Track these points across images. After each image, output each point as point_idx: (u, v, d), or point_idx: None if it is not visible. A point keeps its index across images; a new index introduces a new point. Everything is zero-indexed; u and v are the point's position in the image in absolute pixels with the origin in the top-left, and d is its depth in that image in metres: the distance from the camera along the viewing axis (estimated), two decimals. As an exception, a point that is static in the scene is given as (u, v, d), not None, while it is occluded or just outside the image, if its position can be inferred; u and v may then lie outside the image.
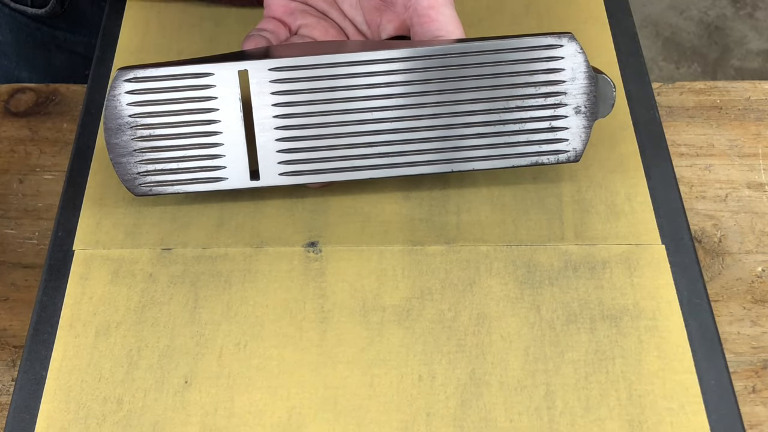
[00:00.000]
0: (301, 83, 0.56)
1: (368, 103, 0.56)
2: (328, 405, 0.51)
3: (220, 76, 0.56)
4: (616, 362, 0.53)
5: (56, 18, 0.81)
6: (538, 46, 0.56)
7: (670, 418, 0.51)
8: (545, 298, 0.55)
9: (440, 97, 0.56)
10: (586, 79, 0.56)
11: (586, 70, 0.56)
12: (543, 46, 0.56)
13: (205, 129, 0.56)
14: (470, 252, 0.57)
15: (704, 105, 0.71)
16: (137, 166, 0.57)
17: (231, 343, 0.54)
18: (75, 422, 0.51)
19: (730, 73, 1.90)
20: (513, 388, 0.52)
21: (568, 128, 0.57)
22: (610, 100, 0.57)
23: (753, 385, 0.57)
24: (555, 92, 0.56)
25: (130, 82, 0.56)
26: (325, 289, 0.56)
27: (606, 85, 0.57)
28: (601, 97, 0.57)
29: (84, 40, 0.82)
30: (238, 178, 0.57)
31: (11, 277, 0.62)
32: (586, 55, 0.56)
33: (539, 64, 0.56)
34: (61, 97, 0.71)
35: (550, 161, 0.57)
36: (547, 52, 0.56)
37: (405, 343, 0.54)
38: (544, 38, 0.55)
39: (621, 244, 0.58)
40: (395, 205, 0.60)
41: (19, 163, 0.68)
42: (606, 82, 0.57)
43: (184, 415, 0.51)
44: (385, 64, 0.55)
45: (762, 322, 0.60)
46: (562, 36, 0.56)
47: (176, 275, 0.57)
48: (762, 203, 0.65)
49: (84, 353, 0.53)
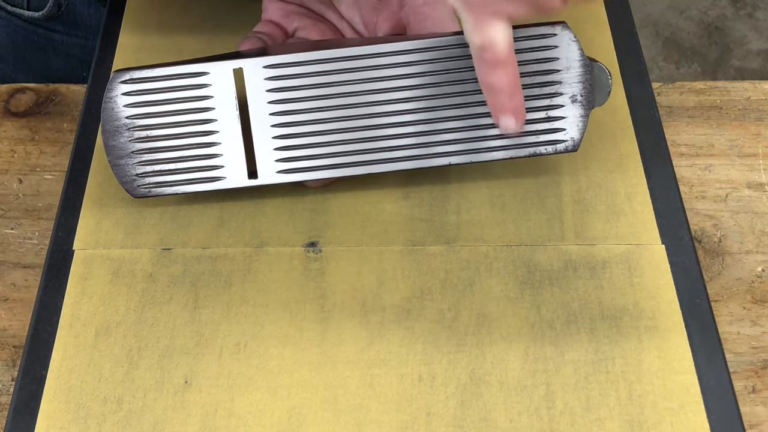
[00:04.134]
0: (296, 80, 0.56)
1: (363, 98, 0.56)
2: (328, 405, 0.51)
3: (215, 75, 0.56)
4: (616, 362, 0.53)
5: (53, 21, 0.81)
6: (532, 35, 0.55)
7: (670, 418, 0.51)
8: (545, 298, 0.55)
9: (436, 90, 0.56)
10: (581, 67, 0.56)
11: (580, 58, 0.56)
12: (537, 36, 0.56)
13: (202, 129, 0.56)
14: (470, 252, 0.57)
15: (704, 105, 0.71)
16: (135, 167, 0.57)
17: (231, 343, 0.54)
18: (75, 422, 0.51)
19: (730, 73, 1.90)
20: (513, 388, 0.52)
21: (565, 117, 0.57)
22: (606, 88, 0.57)
23: (753, 385, 0.57)
24: (550, 81, 0.56)
25: (126, 83, 0.56)
26: (325, 289, 0.56)
27: (601, 73, 0.57)
28: (597, 85, 0.57)
29: (81, 43, 0.82)
30: (236, 177, 0.57)
31: (11, 277, 0.62)
32: (580, 43, 0.56)
33: (533, 53, 0.56)
34: (61, 97, 0.71)
35: (548, 151, 0.57)
36: (540, 42, 0.56)
37: (405, 343, 0.54)
38: (538, 28, 0.56)
39: (621, 244, 0.58)
40: (395, 205, 0.60)
41: (19, 163, 0.68)
42: (601, 70, 0.57)
43: (184, 415, 0.51)
44: (379, 58, 0.55)
45: (762, 322, 0.60)
46: (555, 25, 0.56)
47: (176, 275, 0.57)
48: (762, 203, 0.65)
49: (84, 353, 0.53)
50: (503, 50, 0.51)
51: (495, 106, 0.54)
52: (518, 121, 0.54)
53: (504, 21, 0.50)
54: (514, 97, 0.53)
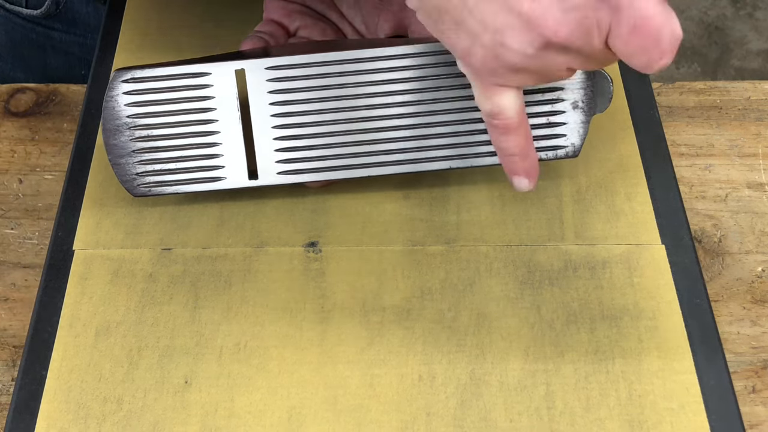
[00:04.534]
0: (297, 82, 0.56)
1: (364, 101, 0.56)
2: (328, 405, 0.51)
3: (217, 75, 0.56)
4: (616, 362, 0.53)
5: (51, 19, 0.81)
6: None
7: (670, 418, 0.51)
8: (545, 298, 0.55)
9: (437, 93, 0.56)
10: (583, 73, 0.56)
11: None
12: None
13: (203, 129, 0.56)
14: (470, 252, 0.57)
15: (704, 105, 0.71)
16: (136, 166, 0.57)
17: (231, 343, 0.54)
18: (75, 422, 0.51)
19: (730, 73, 1.90)
20: (513, 388, 0.52)
21: (566, 123, 0.57)
22: (607, 94, 0.57)
23: (753, 385, 0.57)
24: (552, 87, 0.56)
25: (127, 82, 0.56)
26: (325, 289, 0.56)
27: (603, 79, 0.57)
28: (599, 91, 0.57)
29: (79, 41, 0.82)
30: (236, 178, 0.57)
31: (11, 277, 0.62)
32: None
33: None
34: (61, 97, 0.71)
35: (549, 157, 0.57)
36: None
37: (405, 343, 0.54)
38: None
39: (621, 244, 0.58)
40: (395, 205, 0.60)
41: (19, 163, 0.68)
42: (603, 77, 0.57)
43: (184, 415, 0.51)
44: (381, 61, 0.55)
45: (762, 322, 0.60)
46: None
47: (176, 275, 0.57)
48: (762, 203, 0.65)
49: (84, 353, 0.53)
50: (513, 117, 0.51)
51: (507, 167, 0.54)
52: (531, 181, 0.54)
53: (513, 89, 0.50)
54: (526, 159, 0.53)
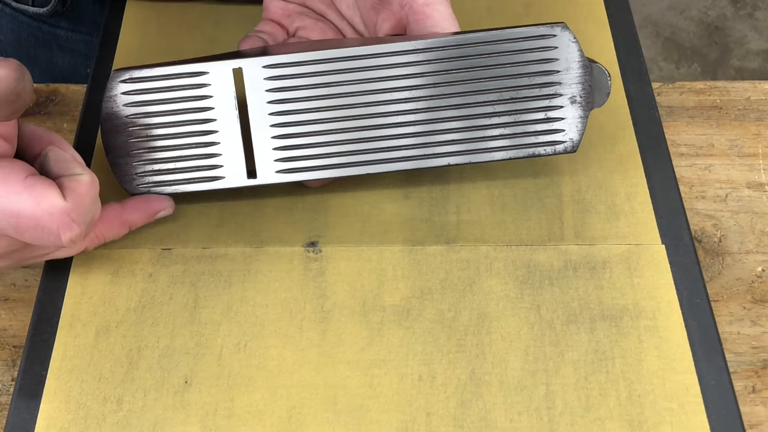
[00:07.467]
0: (295, 80, 0.56)
1: (363, 98, 0.56)
2: (328, 405, 0.51)
3: (214, 74, 0.56)
4: (616, 362, 0.53)
5: (57, 17, 0.81)
6: (531, 36, 0.55)
7: (670, 418, 0.51)
8: (545, 298, 0.55)
9: (436, 90, 0.56)
10: (581, 68, 0.56)
11: (580, 59, 0.56)
12: (536, 36, 0.55)
13: (201, 128, 0.56)
14: (470, 252, 0.57)
15: (704, 105, 0.71)
16: (135, 166, 0.57)
17: (231, 343, 0.54)
18: (75, 422, 0.51)
19: (730, 73, 1.90)
20: (513, 388, 0.52)
21: (564, 118, 0.57)
22: (605, 89, 0.57)
23: (753, 385, 0.57)
24: (549, 82, 0.56)
25: (126, 82, 0.56)
26: (325, 289, 0.56)
27: (601, 74, 0.57)
28: (597, 86, 0.57)
29: (85, 39, 0.82)
30: (235, 177, 0.57)
31: (11, 277, 0.62)
32: (580, 44, 0.56)
33: (532, 54, 0.56)
34: (61, 97, 0.71)
35: (547, 152, 0.57)
36: (540, 42, 0.56)
37: (405, 343, 0.54)
38: (537, 28, 0.55)
39: (621, 244, 0.58)
40: (395, 205, 0.60)
41: (19, 163, 0.68)
42: (601, 71, 0.57)
43: (184, 415, 0.51)
44: (379, 58, 0.55)
45: (762, 322, 0.60)
46: (555, 26, 0.56)
47: (176, 275, 0.57)
48: (762, 203, 0.65)
49: (84, 353, 0.53)
50: None
51: None
52: None
53: None
54: None
